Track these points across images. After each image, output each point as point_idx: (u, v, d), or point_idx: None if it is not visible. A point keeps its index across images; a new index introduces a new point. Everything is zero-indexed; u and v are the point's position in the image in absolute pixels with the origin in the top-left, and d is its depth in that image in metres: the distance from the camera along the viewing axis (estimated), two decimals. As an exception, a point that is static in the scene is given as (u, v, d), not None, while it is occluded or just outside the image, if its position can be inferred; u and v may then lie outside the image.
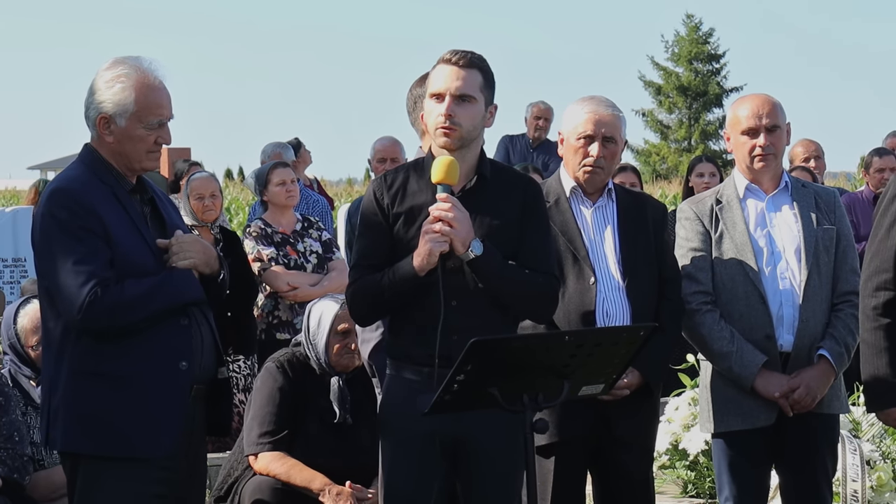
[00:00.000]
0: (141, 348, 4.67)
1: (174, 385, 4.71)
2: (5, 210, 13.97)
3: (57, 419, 4.69)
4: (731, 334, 5.57)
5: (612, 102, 5.64)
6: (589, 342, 4.56)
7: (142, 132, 4.74)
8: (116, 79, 4.74)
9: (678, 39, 55.27)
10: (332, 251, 9.08)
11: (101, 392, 4.64)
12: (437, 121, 4.92)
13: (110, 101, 4.73)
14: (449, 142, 4.92)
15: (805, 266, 5.61)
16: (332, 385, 6.47)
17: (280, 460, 6.40)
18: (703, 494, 7.94)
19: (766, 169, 5.69)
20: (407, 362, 4.94)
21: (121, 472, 4.66)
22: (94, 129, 4.79)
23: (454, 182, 4.88)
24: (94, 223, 4.63)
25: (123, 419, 4.64)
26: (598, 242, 5.58)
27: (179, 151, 15.94)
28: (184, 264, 4.77)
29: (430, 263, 4.81)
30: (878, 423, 7.32)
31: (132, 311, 4.64)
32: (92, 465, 4.68)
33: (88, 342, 4.65)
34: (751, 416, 5.59)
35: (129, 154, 4.77)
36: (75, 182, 4.72)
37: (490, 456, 4.91)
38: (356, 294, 5.00)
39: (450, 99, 4.90)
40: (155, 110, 4.76)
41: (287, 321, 8.79)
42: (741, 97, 5.86)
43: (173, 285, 4.73)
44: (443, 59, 4.96)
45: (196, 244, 4.84)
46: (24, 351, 6.40)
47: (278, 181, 9.10)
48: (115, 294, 4.60)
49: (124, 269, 4.66)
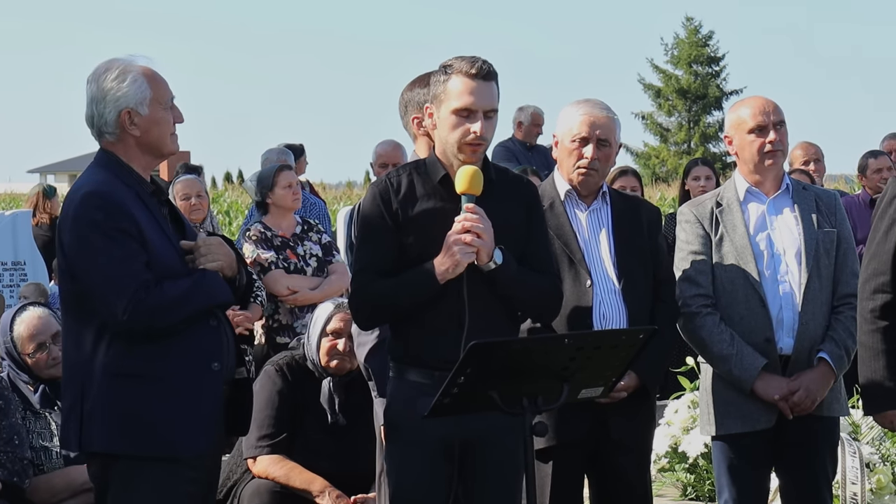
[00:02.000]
0: (177, 349, 4.70)
1: (209, 386, 4.75)
2: (5, 214, 13.96)
3: (93, 421, 4.69)
4: (731, 337, 5.57)
5: (606, 105, 5.66)
6: (588, 345, 4.57)
7: (163, 114, 4.81)
8: (122, 73, 4.79)
9: (678, 42, 55.33)
10: (333, 254, 9.07)
11: (138, 393, 4.66)
12: (468, 138, 4.91)
13: (128, 94, 4.77)
14: (475, 158, 4.94)
15: (805, 269, 5.61)
16: (322, 387, 6.49)
17: (279, 463, 6.41)
18: (703, 497, 7.94)
19: (774, 166, 5.69)
20: (414, 365, 4.94)
21: (157, 472, 4.69)
22: (114, 130, 4.81)
23: (478, 192, 4.89)
24: (129, 225, 4.67)
25: (163, 420, 4.67)
26: (594, 245, 5.60)
27: (179, 155, 15.90)
28: (213, 266, 4.80)
29: (454, 274, 4.84)
30: (877, 425, 7.33)
31: (172, 313, 4.68)
32: (127, 466, 4.70)
33: (122, 344, 4.67)
34: (751, 419, 5.59)
35: (156, 141, 4.83)
36: (105, 185, 4.74)
37: (495, 458, 4.91)
38: (365, 300, 4.99)
39: (482, 118, 4.91)
40: (165, 89, 4.84)
41: (287, 325, 8.78)
42: (739, 101, 5.86)
43: (207, 287, 4.77)
44: (464, 73, 4.92)
45: (222, 247, 4.88)
46: (21, 358, 6.39)
47: (285, 184, 9.10)
48: (156, 296, 4.64)
49: (156, 271, 4.69)
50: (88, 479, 5.98)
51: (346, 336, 6.46)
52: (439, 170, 4.98)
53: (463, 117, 4.92)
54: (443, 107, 4.96)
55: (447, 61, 4.99)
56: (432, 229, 4.89)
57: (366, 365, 5.48)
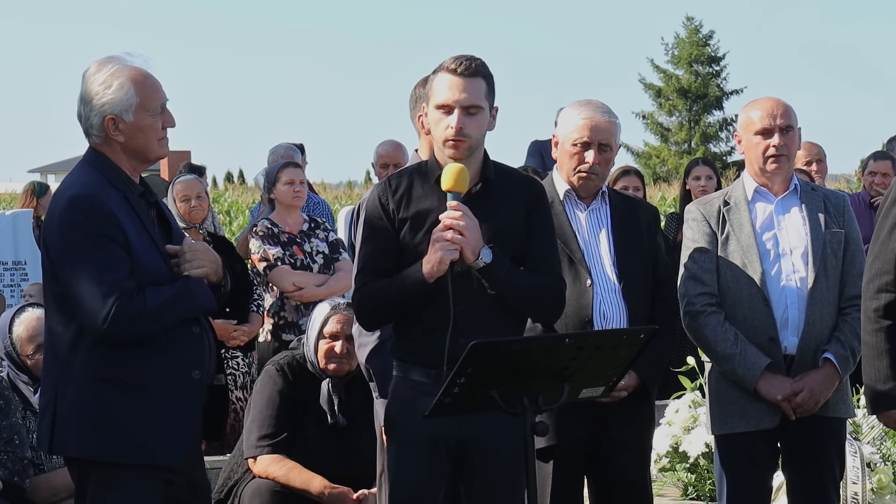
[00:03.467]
0: (158, 357, 4.67)
1: (188, 394, 4.73)
2: (5, 213, 13.95)
3: (67, 424, 4.66)
4: (736, 336, 5.56)
5: (608, 108, 5.65)
6: (589, 345, 4.56)
7: (150, 120, 4.76)
8: (111, 78, 4.73)
9: (678, 42, 55.33)
10: (339, 252, 9.06)
11: (116, 399, 4.62)
12: (447, 133, 4.91)
13: (113, 101, 4.72)
14: (458, 154, 4.92)
15: (812, 269, 5.60)
16: (321, 388, 6.49)
17: (279, 463, 6.41)
18: (704, 497, 7.93)
19: (778, 170, 5.68)
20: (414, 364, 4.95)
21: (133, 479, 4.66)
22: (100, 134, 4.77)
23: (464, 190, 4.88)
24: (114, 231, 4.62)
25: (141, 427, 4.64)
26: (594, 245, 5.60)
27: (180, 155, 15.94)
28: (198, 273, 4.77)
29: (439, 271, 4.82)
30: (878, 425, 7.32)
31: (155, 321, 4.63)
32: (105, 472, 4.67)
33: (103, 349, 4.63)
34: (754, 418, 5.58)
35: (142, 147, 4.78)
36: (93, 188, 4.70)
37: (496, 458, 4.91)
38: (364, 300, 5.01)
39: (459, 112, 4.90)
40: (154, 95, 4.77)
41: (293, 322, 8.77)
42: (753, 100, 5.83)
43: (191, 294, 4.73)
44: (446, 69, 4.94)
45: (207, 252, 4.85)
46: (21, 360, 6.39)
47: (287, 180, 9.11)
48: (138, 304, 4.59)
49: (139, 276, 4.65)
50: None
51: (343, 338, 6.47)
52: (436, 170, 4.98)
53: (444, 113, 4.93)
54: (429, 104, 4.99)
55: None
56: (428, 229, 4.90)
57: (367, 365, 5.47)
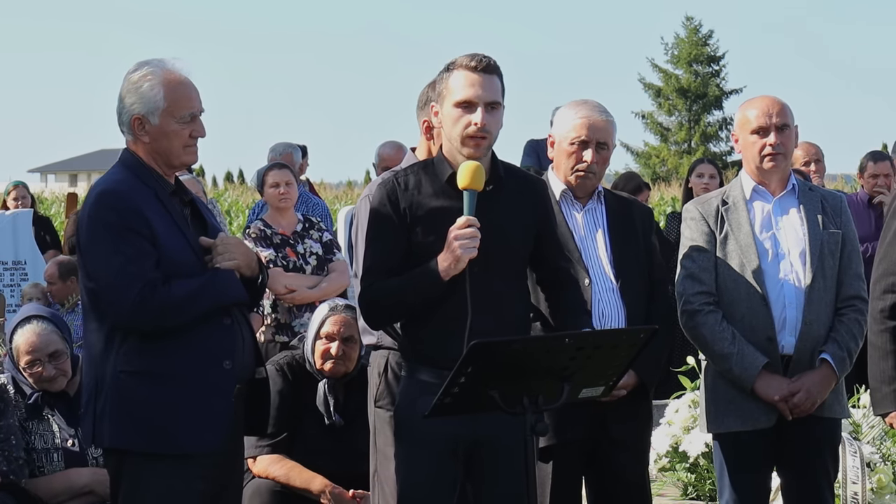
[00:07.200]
0: (187, 348, 4.73)
1: (219, 384, 4.78)
2: (5, 213, 13.96)
3: (104, 418, 4.74)
4: (733, 335, 5.56)
5: (604, 108, 5.66)
6: (589, 344, 4.57)
7: (176, 127, 4.81)
8: (143, 79, 4.80)
9: (678, 41, 55.37)
10: (334, 252, 9.03)
11: (147, 390, 4.70)
12: (469, 130, 4.91)
13: (140, 102, 4.79)
14: (479, 151, 4.93)
15: (810, 269, 5.59)
16: (318, 389, 6.49)
17: (279, 463, 6.41)
18: (704, 497, 7.94)
19: (775, 169, 5.67)
20: (425, 364, 4.95)
21: (167, 469, 4.72)
22: (129, 133, 4.85)
23: (480, 187, 4.90)
24: (140, 224, 4.70)
25: (170, 417, 4.71)
26: (591, 245, 5.62)
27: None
28: (228, 265, 4.84)
29: (457, 269, 4.84)
30: (878, 425, 7.33)
31: (180, 312, 4.71)
32: (138, 462, 4.74)
33: (134, 342, 4.72)
34: (751, 418, 5.58)
35: (166, 151, 4.84)
36: (120, 184, 4.78)
37: (505, 457, 4.91)
38: (374, 300, 5.00)
39: (482, 108, 4.91)
40: (185, 104, 4.82)
41: (285, 324, 8.76)
42: (749, 99, 5.83)
43: (218, 286, 4.80)
44: (465, 66, 4.94)
45: (240, 246, 4.93)
46: (19, 368, 6.39)
47: (272, 183, 9.07)
48: (163, 295, 4.67)
49: (169, 270, 4.72)
50: (88, 482, 6.04)
51: (341, 340, 6.48)
52: (447, 168, 4.98)
53: (464, 110, 4.92)
54: (446, 102, 4.97)
55: (452, 59, 5.00)
56: (441, 228, 4.89)
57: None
